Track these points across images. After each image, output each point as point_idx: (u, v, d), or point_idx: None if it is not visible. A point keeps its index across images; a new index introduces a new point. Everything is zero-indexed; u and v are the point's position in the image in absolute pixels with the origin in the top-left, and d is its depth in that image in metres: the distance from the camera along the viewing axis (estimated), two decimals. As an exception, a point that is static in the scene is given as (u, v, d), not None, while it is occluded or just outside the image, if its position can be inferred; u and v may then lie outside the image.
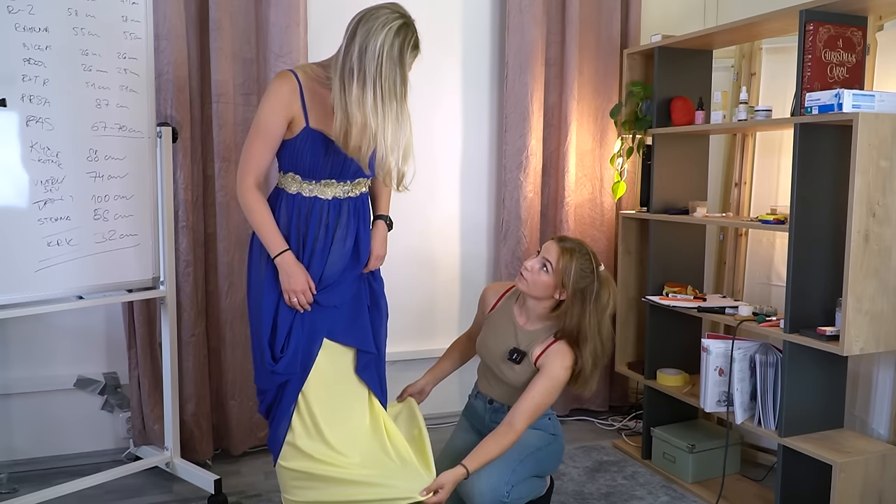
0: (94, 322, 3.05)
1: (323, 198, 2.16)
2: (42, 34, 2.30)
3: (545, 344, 2.33)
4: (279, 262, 2.10)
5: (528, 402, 2.25)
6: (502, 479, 2.22)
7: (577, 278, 2.27)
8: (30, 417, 2.97)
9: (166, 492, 2.84)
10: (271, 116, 2.07)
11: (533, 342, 2.35)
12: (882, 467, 2.40)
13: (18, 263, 2.28)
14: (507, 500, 2.22)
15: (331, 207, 2.17)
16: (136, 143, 2.59)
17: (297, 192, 2.15)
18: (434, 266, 3.58)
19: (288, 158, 2.13)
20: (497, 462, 2.23)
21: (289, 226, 2.15)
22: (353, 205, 2.21)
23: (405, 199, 3.51)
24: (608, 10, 3.57)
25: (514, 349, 2.37)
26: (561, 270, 2.27)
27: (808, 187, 2.42)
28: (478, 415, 2.51)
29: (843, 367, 2.55)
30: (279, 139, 2.09)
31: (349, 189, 2.19)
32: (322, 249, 2.16)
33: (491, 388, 2.46)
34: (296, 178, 2.15)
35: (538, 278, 2.31)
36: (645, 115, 3.20)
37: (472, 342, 2.60)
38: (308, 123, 2.08)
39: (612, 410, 3.74)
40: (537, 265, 2.31)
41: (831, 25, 2.41)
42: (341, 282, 2.19)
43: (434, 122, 3.52)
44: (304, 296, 2.12)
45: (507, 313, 2.46)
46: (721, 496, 2.72)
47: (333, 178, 2.15)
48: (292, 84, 2.08)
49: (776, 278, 3.14)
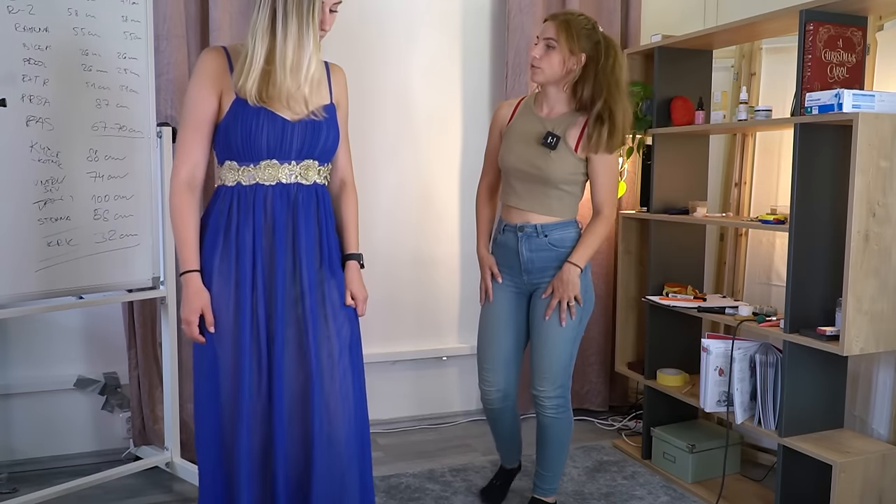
0: (94, 322, 3.05)
1: (265, 184, 1.90)
2: (42, 34, 2.30)
3: (579, 127, 2.32)
4: (182, 280, 1.88)
5: (604, 189, 2.38)
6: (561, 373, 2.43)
7: (583, 37, 2.27)
8: (30, 417, 2.97)
9: (166, 492, 2.84)
10: (194, 92, 1.87)
11: (566, 127, 2.34)
12: (882, 467, 2.40)
13: (18, 263, 2.28)
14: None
15: (276, 195, 1.90)
16: (136, 143, 2.59)
17: (237, 183, 1.90)
18: (434, 266, 3.58)
19: (222, 142, 1.90)
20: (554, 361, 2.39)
21: (226, 226, 1.90)
22: (307, 196, 1.94)
23: (405, 198, 3.54)
24: (608, 10, 3.57)
25: (547, 133, 2.32)
26: (566, 39, 2.26)
27: (808, 187, 2.42)
28: (510, 252, 2.44)
29: (843, 367, 2.55)
30: (210, 121, 1.88)
31: (297, 173, 1.92)
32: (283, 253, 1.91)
33: (520, 202, 2.40)
34: (232, 165, 1.91)
35: (550, 59, 2.29)
36: (645, 115, 3.20)
37: (494, 188, 2.57)
38: (237, 94, 1.85)
39: (612, 410, 3.74)
40: (542, 48, 2.30)
41: (831, 25, 2.41)
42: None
43: (434, 121, 3.53)
44: (187, 328, 1.87)
45: (528, 115, 2.43)
46: (721, 496, 2.72)
47: (274, 159, 1.89)
48: (217, 53, 1.90)
49: (776, 278, 3.14)
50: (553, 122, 2.36)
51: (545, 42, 2.30)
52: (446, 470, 3.02)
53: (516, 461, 2.78)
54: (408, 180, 3.51)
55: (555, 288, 2.36)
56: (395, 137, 3.46)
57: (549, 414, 2.45)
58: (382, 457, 3.16)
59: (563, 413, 2.46)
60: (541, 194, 2.37)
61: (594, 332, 3.66)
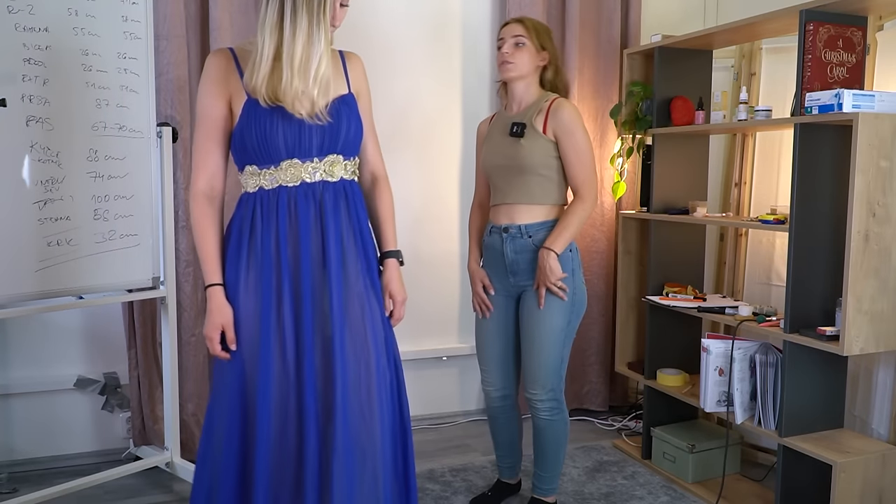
0: (94, 322, 3.05)
1: (288, 185, 1.79)
2: (42, 34, 2.30)
3: (545, 111, 2.39)
4: (207, 294, 1.80)
5: (577, 169, 2.39)
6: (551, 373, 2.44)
7: (545, 38, 2.43)
8: (30, 417, 2.97)
9: (166, 492, 2.84)
10: (205, 98, 1.80)
11: (533, 115, 2.41)
12: (882, 467, 2.40)
13: (18, 263, 2.28)
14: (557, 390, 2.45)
15: (300, 197, 1.80)
16: (136, 143, 2.59)
17: (258, 188, 1.81)
18: (434, 266, 3.58)
19: (239, 147, 1.81)
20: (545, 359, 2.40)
21: (251, 233, 1.80)
22: (333, 195, 1.83)
23: (405, 198, 3.54)
24: (608, 10, 3.57)
25: (513, 124, 2.42)
26: (536, 37, 2.40)
27: (808, 187, 2.42)
28: (496, 254, 2.48)
29: (843, 367, 2.55)
30: (222, 127, 1.81)
31: (321, 169, 1.82)
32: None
33: (505, 197, 2.44)
34: (253, 169, 1.81)
35: (521, 55, 2.39)
36: (645, 115, 3.20)
37: (485, 204, 2.62)
38: (249, 95, 1.78)
39: (612, 410, 3.74)
40: (512, 45, 2.40)
41: (831, 25, 2.41)
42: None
43: (434, 121, 3.53)
44: (209, 344, 1.79)
45: (500, 119, 2.52)
46: (721, 496, 2.72)
47: (295, 157, 1.79)
48: (224, 55, 1.82)
49: (776, 278, 3.14)
50: (521, 115, 2.45)
51: (514, 40, 2.40)
52: (446, 470, 3.02)
53: (515, 475, 2.76)
54: (408, 180, 3.50)
55: (537, 276, 2.39)
56: (396, 138, 3.46)
57: (542, 416, 2.47)
58: (382, 457, 3.16)
59: (556, 415, 2.47)
60: (520, 183, 2.41)
61: (594, 332, 3.66)
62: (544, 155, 2.39)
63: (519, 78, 2.43)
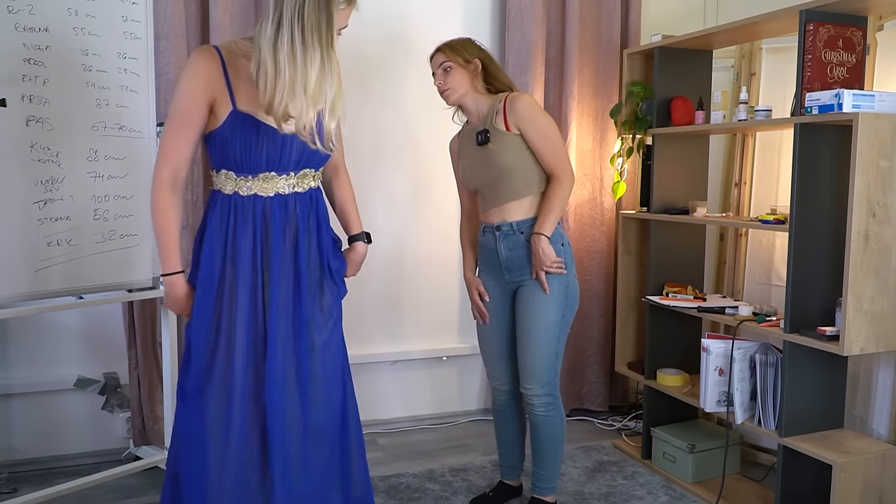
0: (94, 322, 3.05)
1: (263, 195, 1.88)
2: (42, 34, 2.30)
3: (501, 110, 2.44)
4: (166, 282, 1.89)
5: (548, 153, 2.42)
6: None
7: (467, 47, 2.49)
8: (30, 417, 2.97)
9: (166, 492, 2.84)
10: (187, 96, 1.80)
11: (491, 118, 2.46)
12: (882, 467, 2.40)
13: (18, 263, 2.28)
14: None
15: (274, 206, 1.88)
16: (136, 143, 2.59)
17: (234, 192, 1.87)
18: (434, 266, 3.58)
19: (218, 152, 1.86)
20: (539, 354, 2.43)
21: (225, 234, 1.88)
22: (303, 203, 1.93)
23: (405, 198, 3.54)
24: (608, 10, 3.57)
25: (476, 134, 2.48)
26: (456, 54, 2.47)
27: (808, 187, 2.42)
28: (490, 253, 2.53)
29: (843, 367, 2.55)
30: (199, 125, 1.82)
31: (294, 183, 1.90)
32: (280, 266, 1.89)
33: (495, 201, 2.48)
34: (230, 175, 1.87)
35: (452, 77, 2.46)
36: (645, 115, 3.20)
37: (472, 214, 2.67)
38: (235, 105, 1.80)
39: (612, 410, 3.74)
40: (441, 75, 2.48)
41: (831, 25, 2.41)
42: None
43: (434, 121, 3.52)
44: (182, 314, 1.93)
45: (466, 135, 2.58)
46: (721, 496, 2.72)
47: (272, 171, 1.86)
48: (212, 57, 1.81)
49: (776, 278, 3.14)
50: (482, 123, 2.49)
51: (441, 69, 2.48)
52: (446, 470, 3.02)
53: (517, 476, 2.76)
54: (408, 180, 3.51)
55: (533, 264, 2.43)
56: (395, 137, 3.46)
57: (539, 412, 2.49)
58: (382, 457, 3.16)
59: (553, 411, 2.49)
60: (504, 185, 2.45)
61: (594, 332, 3.67)
62: (515, 150, 2.42)
63: (462, 97, 2.49)
